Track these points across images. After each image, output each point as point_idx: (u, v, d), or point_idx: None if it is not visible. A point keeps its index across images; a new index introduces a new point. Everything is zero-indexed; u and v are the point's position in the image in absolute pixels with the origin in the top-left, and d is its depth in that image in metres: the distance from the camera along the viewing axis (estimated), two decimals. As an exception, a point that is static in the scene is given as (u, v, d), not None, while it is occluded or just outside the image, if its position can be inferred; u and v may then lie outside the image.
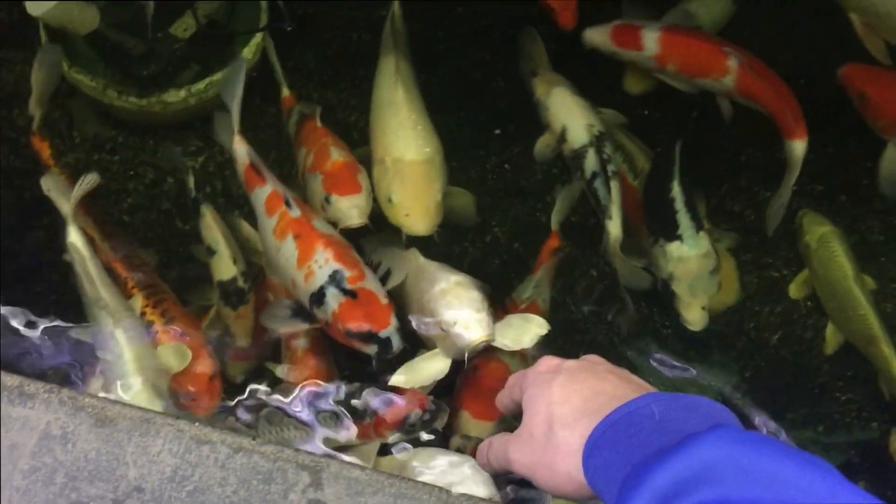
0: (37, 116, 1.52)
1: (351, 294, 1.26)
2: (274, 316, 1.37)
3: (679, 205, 1.49)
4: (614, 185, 1.50)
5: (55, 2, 1.44)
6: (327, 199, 1.40)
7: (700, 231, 1.48)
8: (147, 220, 1.59)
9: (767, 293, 1.62)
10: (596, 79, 1.69)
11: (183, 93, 1.56)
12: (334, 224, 1.38)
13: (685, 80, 1.62)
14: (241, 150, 1.43)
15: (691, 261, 1.46)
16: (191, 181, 1.54)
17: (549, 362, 0.81)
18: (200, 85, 1.57)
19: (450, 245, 1.56)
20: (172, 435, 0.91)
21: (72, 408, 0.92)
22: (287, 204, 1.35)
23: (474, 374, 1.36)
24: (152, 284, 1.41)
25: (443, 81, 1.71)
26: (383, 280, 1.33)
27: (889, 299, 1.59)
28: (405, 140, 1.47)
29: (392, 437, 1.27)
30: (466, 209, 1.53)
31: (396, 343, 1.24)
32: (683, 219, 1.48)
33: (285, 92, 1.63)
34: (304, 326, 1.34)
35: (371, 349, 1.25)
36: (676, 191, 1.50)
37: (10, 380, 0.94)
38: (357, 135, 1.63)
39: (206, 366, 1.33)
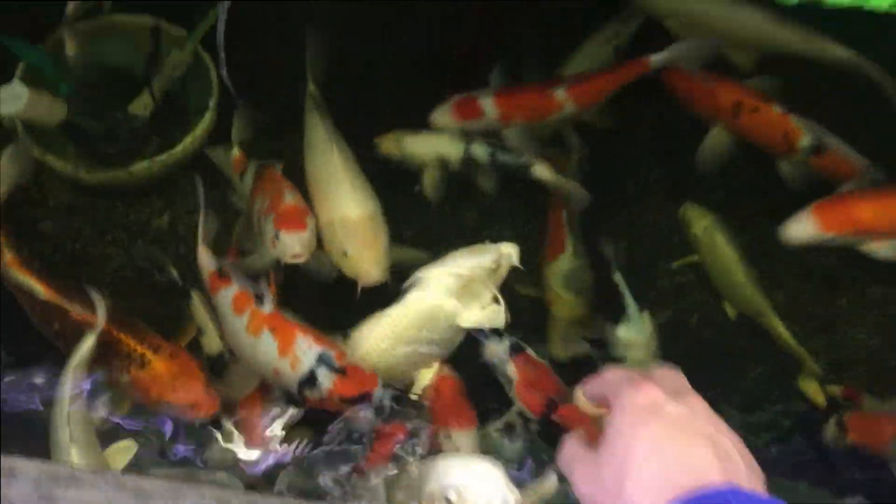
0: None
1: (341, 371, 1.42)
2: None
3: (623, 288, 1.69)
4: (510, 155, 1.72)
5: (26, 102, 1.61)
6: (276, 236, 1.55)
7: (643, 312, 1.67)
8: (129, 280, 1.77)
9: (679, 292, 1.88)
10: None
11: (147, 163, 1.72)
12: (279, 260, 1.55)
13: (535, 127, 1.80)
14: (204, 259, 1.58)
15: (639, 343, 1.67)
16: (173, 272, 1.69)
17: (650, 393, 0.75)
18: (163, 156, 1.73)
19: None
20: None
21: (115, 485, 1.13)
22: (258, 300, 1.50)
23: (436, 392, 1.52)
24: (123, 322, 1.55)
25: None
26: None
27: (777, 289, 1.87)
28: (347, 199, 1.63)
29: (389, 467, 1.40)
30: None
31: (388, 395, 1.41)
32: (629, 301, 1.68)
33: (236, 153, 1.77)
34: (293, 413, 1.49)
35: (369, 409, 1.41)
36: (618, 276, 1.71)
37: (62, 470, 1.14)
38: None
39: (198, 377, 1.48)
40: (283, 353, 1.44)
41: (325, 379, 1.41)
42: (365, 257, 1.58)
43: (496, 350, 1.54)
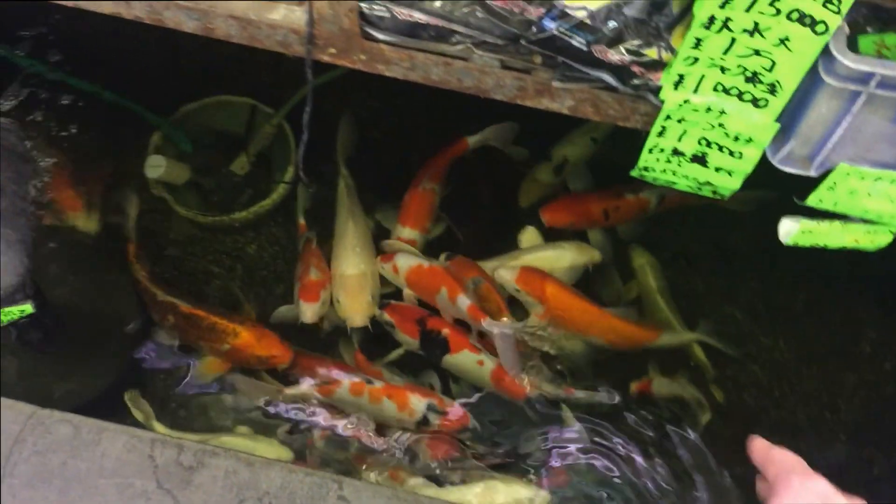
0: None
1: (444, 413, 2.09)
2: None
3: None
4: None
5: (165, 168, 2.30)
6: (297, 301, 2.20)
7: None
8: (226, 292, 2.45)
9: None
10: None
11: (244, 213, 2.40)
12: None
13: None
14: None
15: None
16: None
17: (821, 488, 0.80)
18: (255, 207, 2.40)
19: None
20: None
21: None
22: (369, 382, 2.10)
23: None
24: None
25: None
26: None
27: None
28: (346, 260, 2.21)
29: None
30: None
31: (474, 421, 2.10)
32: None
33: (301, 220, 2.41)
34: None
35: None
36: None
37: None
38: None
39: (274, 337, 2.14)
40: (402, 409, 2.09)
41: (434, 419, 2.08)
42: (349, 308, 2.17)
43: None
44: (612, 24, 1.29)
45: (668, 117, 1.33)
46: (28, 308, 1.64)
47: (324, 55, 1.47)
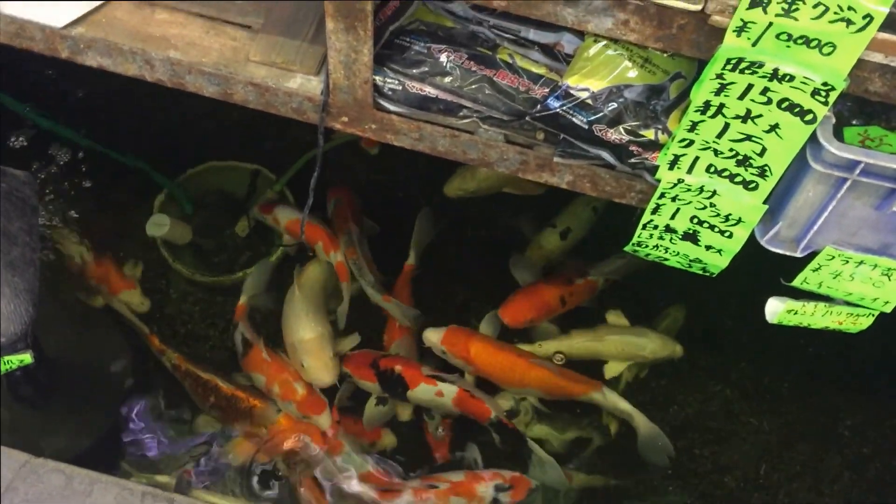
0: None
1: (510, 487, 2.12)
2: None
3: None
4: None
5: (168, 228, 2.35)
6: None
7: None
8: (222, 355, 2.47)
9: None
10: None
11: (242, 273, 2.44)
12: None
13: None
14: None
15: None
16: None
17: None
18: (251, 269, 2.45)
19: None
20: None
21: None
22: (432, 486, 2.09)
23: None
24: None
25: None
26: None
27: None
28: (300, 326, 2.22)
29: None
30: None
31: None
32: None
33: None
34: None
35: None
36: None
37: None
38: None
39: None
40: (472, 500, 2.11)
41: (505, 498, 2.12)
42: (314, 369, 2.18)
43: None
44: (612, 105, 1.38)
45: (663, 195, 1.40)
46: (27, 358, 1.66)
47: (336, 123, 1.54)
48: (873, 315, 1.51)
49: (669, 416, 2.44)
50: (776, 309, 1.52)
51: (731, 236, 1.42)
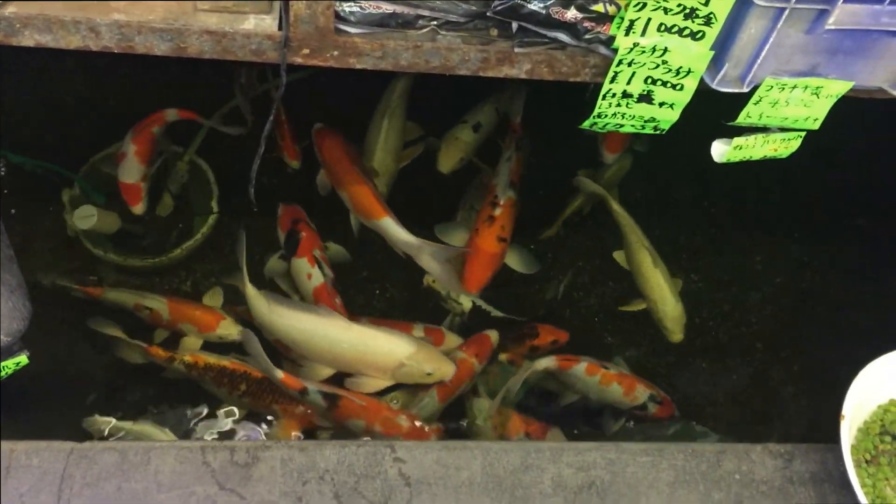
0: None
1: (660, 402, 2.33)
2: None
3: None
4: None
5: (96, 219, 2.27)
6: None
7: None
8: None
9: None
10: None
11: (178, 251, 2.41)
12: None
13: None
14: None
15: None
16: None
17: None
18: (189, 243, 2.42)
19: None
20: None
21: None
22: (605, 367, 2.28)
23: None
24: None
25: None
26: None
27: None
28: (392, 345, 2.19)
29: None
30: None
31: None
32: None
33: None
34: None
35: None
36: None
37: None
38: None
39: None
40: (627, 395, 2.31)
41: (653, 408, 2.34)
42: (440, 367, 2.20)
43: None
44: (563, -14, 1.49)
45: (620, 62, 1.54)
46: (24, 360, 1.61)
47: (297, 57, 1.57)
48: (801, 136, 1.73)
49: (609, 290, 2.65)
50: (722, 149, 1.70)
51: (682, 88, 1.58)
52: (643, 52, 1.52)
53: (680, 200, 2.80)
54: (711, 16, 1.45)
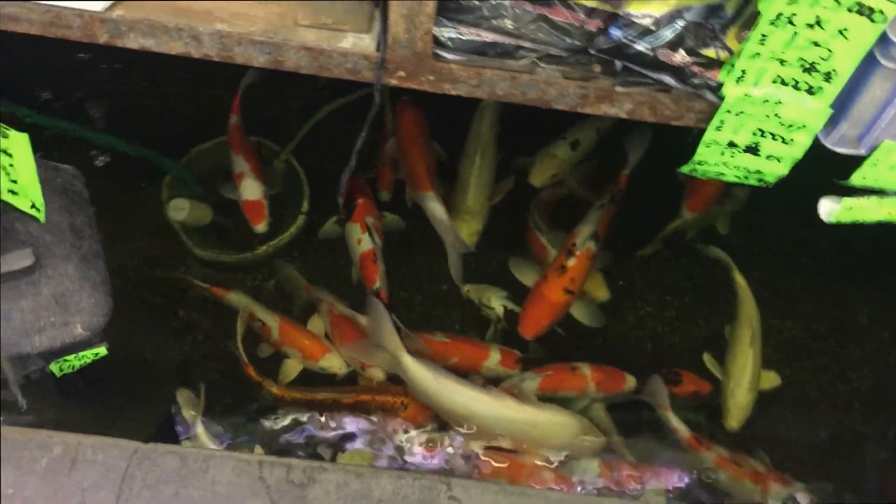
0: None
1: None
2: None
3: None
4: None
5: (189, 211, 2.32)
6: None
7: None
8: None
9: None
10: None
11: (265, 247, 2.44)
12: None
13: None
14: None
15: None
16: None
17: None
18: (275, 241, 2.44)
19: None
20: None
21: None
22: (735, 463, 2.19)
23: None
24: None
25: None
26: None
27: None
28: None
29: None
30: None
31: None
32: None
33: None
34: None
35: None
36: None
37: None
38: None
39: None
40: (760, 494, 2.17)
41: None
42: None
43: None
44: (673, 28, 1.41)
45: (728, 111, 1.45)
46: (102, 350, 1.65)
47: (392, 79, 1.55)
48: (921, 202, 1.60)
49: (698, 329, 2.55)
50: (831, 208, 1.59)
51: (792, 143, 1.48)
52: (754, 102, 1.43)
53: (782, 242, 2.66)
54: (833, 72, 1.35)
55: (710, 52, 1.43)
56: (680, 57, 1.43)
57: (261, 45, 1.51)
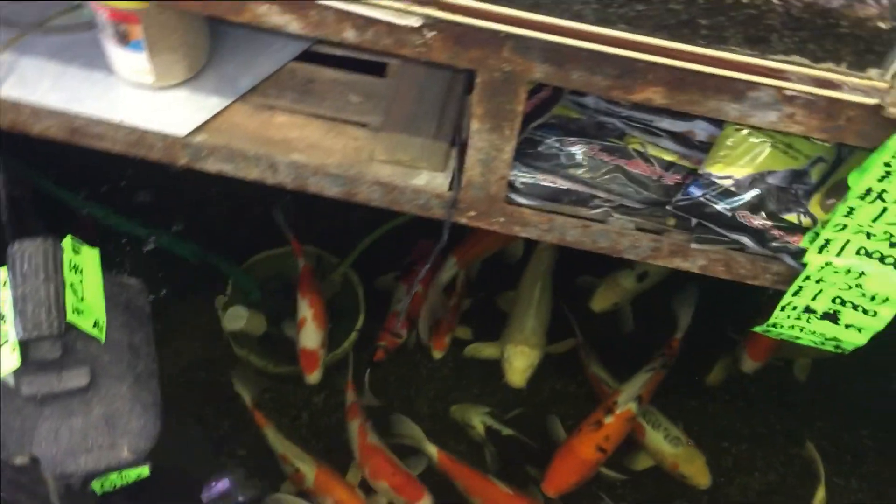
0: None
1: None
2: None
3: None
4: None
5: (246, 320, 2.31)
6: None
7: None
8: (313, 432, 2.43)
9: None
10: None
11: (317, 361, 2.41)
12: None
13: None
14: None
15: None
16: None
17: None
18: (327, 356, 2.41)
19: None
20: None
21: None
22: None
23: None
24: None
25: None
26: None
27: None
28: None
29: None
30: None
31: None
32: None
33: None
34: None
35: None
36: None
37: None
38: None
39: None
40: None
41: None
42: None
43: None
44: (755, 191, 1.38)
45: (808, 278, 1.40)
46: (145, 471, 1.60)
47: (462, 217, 1.53)
48: None
49: (754, 481, 2.43)
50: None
51: (875, 315, 1.42)
52: (836, 271, 1.38)
53: (848, 392, 2.55)
54: (921, 249, 1.30)
55: (791, 218, 1.40)
56: (760, 220, 1.40)
57: (335, 178, 1.52)
